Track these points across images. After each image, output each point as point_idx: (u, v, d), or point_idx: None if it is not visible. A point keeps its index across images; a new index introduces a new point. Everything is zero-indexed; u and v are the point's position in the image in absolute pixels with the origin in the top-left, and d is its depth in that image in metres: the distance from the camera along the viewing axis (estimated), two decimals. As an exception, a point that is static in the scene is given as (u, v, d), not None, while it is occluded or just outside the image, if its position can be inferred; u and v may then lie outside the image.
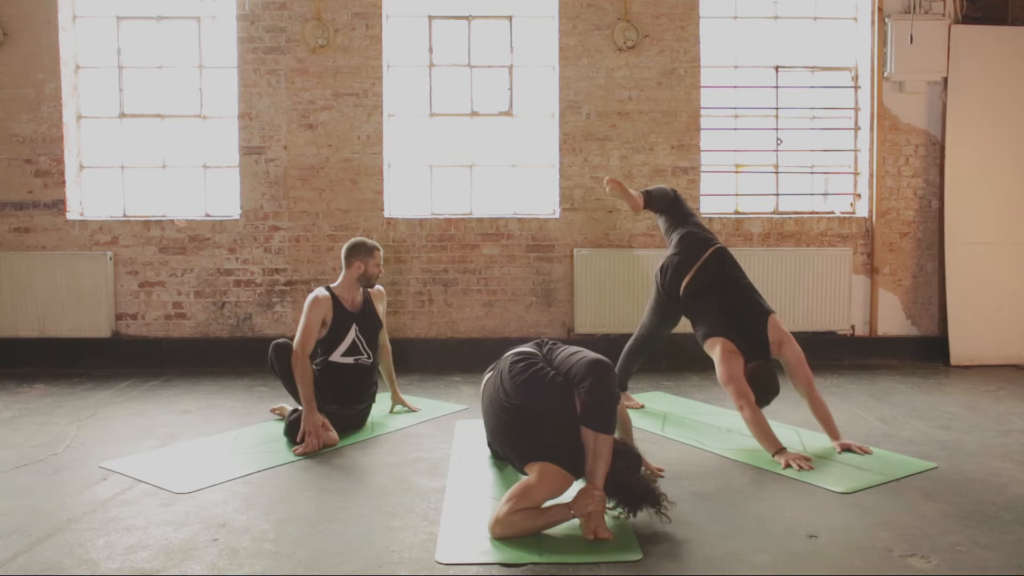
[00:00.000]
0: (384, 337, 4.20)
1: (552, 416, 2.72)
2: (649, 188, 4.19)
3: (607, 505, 2.63)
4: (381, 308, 4.11)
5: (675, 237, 4.07)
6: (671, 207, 4.14)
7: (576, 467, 2.67)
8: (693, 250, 3.93)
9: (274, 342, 3.83)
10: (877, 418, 4.15)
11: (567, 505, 2.59)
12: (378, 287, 4.13)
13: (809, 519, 2.74)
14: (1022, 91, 5.63)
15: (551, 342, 3.07)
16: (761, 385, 3.54)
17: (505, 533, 2.56)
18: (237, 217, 5.59)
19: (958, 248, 5.62)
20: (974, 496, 2.96)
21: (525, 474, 2.78)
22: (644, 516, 2.64)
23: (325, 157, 5.56)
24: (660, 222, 4.25)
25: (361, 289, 4.02)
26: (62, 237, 5.54)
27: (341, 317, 3.88)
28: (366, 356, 3.93)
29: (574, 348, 2.91)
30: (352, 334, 3.90)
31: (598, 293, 5.52)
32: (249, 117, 5.53)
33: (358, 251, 3.96)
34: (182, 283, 5.58)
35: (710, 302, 3.78)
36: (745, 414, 3.47)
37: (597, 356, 2.76)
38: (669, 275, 3.98)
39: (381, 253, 4.03)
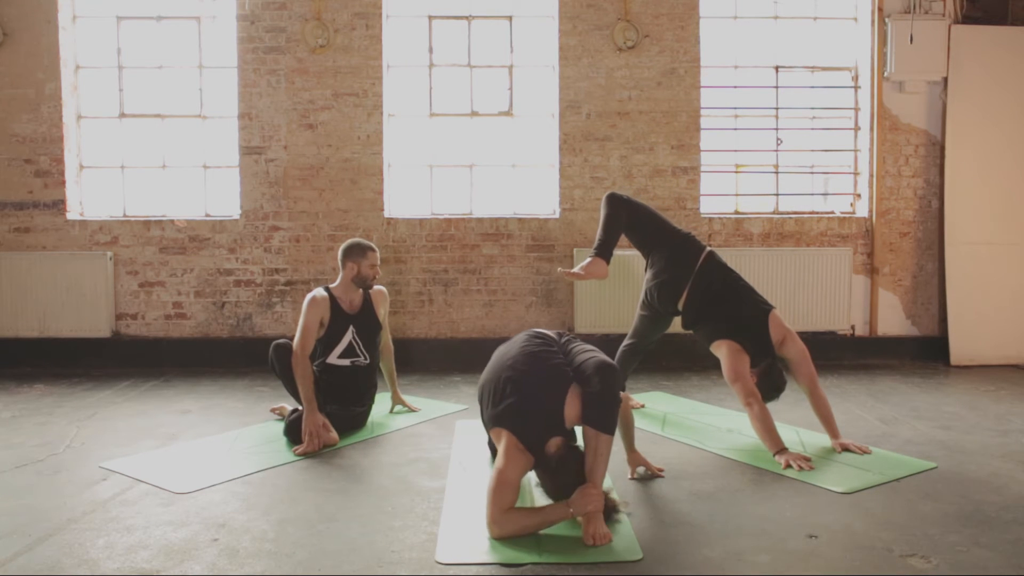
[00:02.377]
0: (387, 337, 4.19)
1: (540, 392, 2.76)
2: (598, 238, 3.90)
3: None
4: (383, 310, 4.08)
5: (656, 259, 3.95)
6: (632, 224, 3.95)
7: (534, 445, 2.69)
8: (679, 272, 3.84)
9: (275, 342, 3.82)
10: (877, 418, 4.15)
11: (566, 503, 2.59)
12: (380, 288, 4.10)
13: (809, 519, 2.74)
14: (1022, 91, 5.63)
15: (570, 335, 3.11)
16: (772, 383, 3.56)
17: (503, 532, 2.56)
18: (237, 217, 5.59)
19: (958, 248, 5.62)
20: (974, 496, 2.96)
21: (492, 442, 2.85)
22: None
23: (325, 157, 5.56)
24: (631, 240, 4.07)
25: (360, 290, 4.00)
26: (62, 237, 5.55)
27: (338, 318, 3.88)
28: (363, 358, 3.92)
29: (589, 347, 2.95)
30: (349, 336, 3.90)
31: (598, 293, 5.52)
32: (249, 117, 5.54)
33: (351, 252, 3.94)
34: (182, 283, 5.59)
35: (710, 314, 3.76)
36: (753, 411, 3.47)
37: (606, 358, 2.80)
38: (660, 297, 3.92)
39: (376, 254, 3.99)
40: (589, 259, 3.84)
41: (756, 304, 3.74)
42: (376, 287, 4.08)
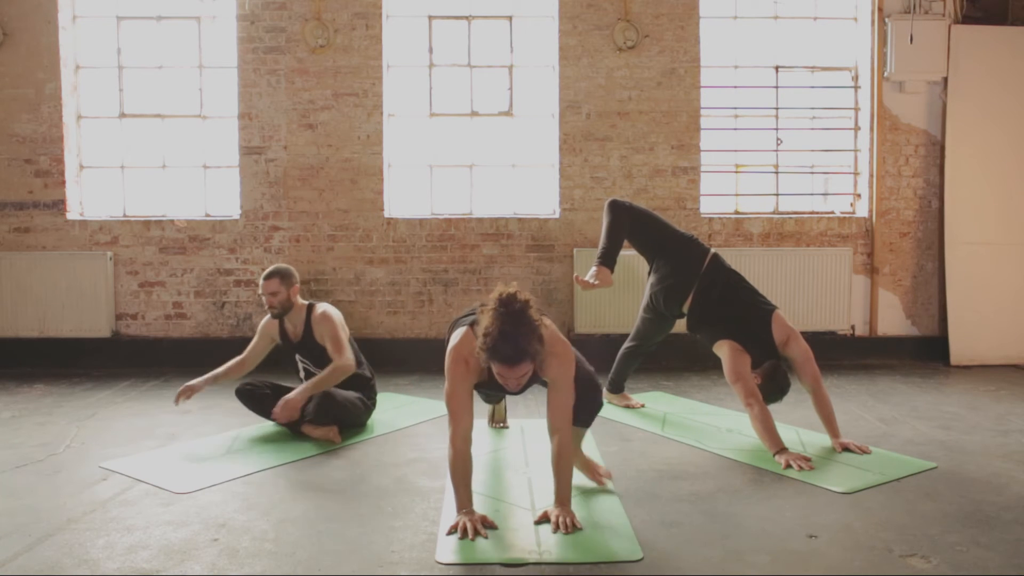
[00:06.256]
0: (335, 358, 3.78)
1: None
2: (601, 246, 3.95)
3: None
4: (324, 332, 3.81)
5: (660, 265, 3.97)
6: (634, 230, 3.99)
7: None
8: (685, 277, 3.85)
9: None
10: (877, 418, 4.15)
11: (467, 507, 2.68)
12: (323, 311, 3.87)
13: (809, 519, 2.74)
14: (1022, 91, 5.63)
15: None
16: (776, 384, 3.56)
17: (449, 463, 2.68)
18: (237, 217, 5.59)
19: (958, 248, 5.61)
20: (974, 496, 2.96)
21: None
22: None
23: (325, 157, 5.56)
24: (634, 246, 4.11)
25: (303, 317, 3.88)
26: (62, 237, 5.55)
27: (286, 344, 3.95)
28: None
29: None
30: (299, 363, 3.97)
31: (598, 293, 5.51)
32: (249, 117, 5.53)
33: None
34: (182, 283, 5.59)
35: (713, 316, 3.77)
36: (754, 411, 3.47)
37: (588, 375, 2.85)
38: (666, 300, 3.93)
39: (266, 283, 3.83)
40: (594, 268, 3.88)
41: (759, 305, 3.75)
42: (321, 309, 3.88)
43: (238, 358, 3.97)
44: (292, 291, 3.86)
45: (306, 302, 3.97)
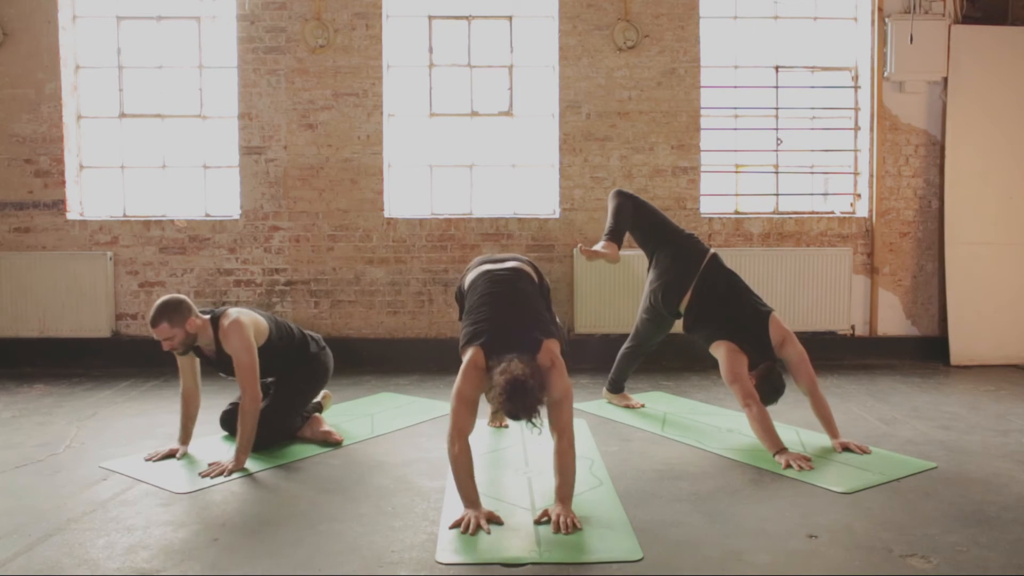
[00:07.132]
0: (242, 393, 3.45)
1: (516, 333, 2.90)
2: (608, 225, 4.01)
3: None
4: (232, 352, 3.44)
5: (660, 259, 4.00)
6: (637, 220, 4.04)
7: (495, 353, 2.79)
8: (683, 272, 3.88)
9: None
10: (877, 418, 4.15)
11: (476, 503, 2.73)
12: (228, 323, 3.43)
13: (809, 519, 2.74)
14: (1022, 91, 5.63)
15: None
16: (772, 386, 3.56)
17: (450, 459, 2.74)
18: (237, 217, 5.59)
19: (958, 248, 5.62)
20: (974, 496, 2.96)
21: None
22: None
23: (325, 157, 5.56)
24: (635, 238, 4.16)
25: (211, 335, 3.47)
26: (62, 237, 5.55)
27: (206, 365, 3.66)
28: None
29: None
30: (224, 379, 3.75)
31: (598, 293, 5.52)
32: (249, 117, 5.54)
33: None
34: (182, 283, 5.59)
35: (711, 315, 3.77)
36: (752, 411, 3.47)
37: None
38: (664, 298, 3.95)
39: (153, 329, 3.34)
40: (603, 242, 3.95)
41: (756, 306, 3.75)
42: (228, 322, 3.44)
43: (182, 393, 3.59)
44: (188, 324, 3.36)
45: (207, 316, 3.48)
